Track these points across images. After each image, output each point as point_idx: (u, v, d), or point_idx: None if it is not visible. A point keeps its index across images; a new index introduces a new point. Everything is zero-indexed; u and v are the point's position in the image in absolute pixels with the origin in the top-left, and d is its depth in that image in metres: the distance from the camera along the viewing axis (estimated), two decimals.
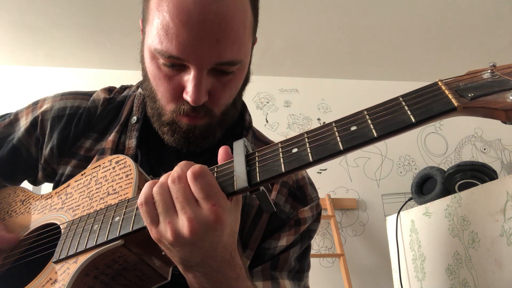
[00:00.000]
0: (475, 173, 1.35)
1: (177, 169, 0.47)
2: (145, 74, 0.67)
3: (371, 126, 0.41)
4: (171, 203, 0.46)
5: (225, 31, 0.57)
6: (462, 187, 1.35)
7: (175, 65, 0.60)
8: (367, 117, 0.42)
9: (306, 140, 0.44)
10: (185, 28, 0.55)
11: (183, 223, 0.44)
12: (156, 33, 0.58)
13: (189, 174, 0.45)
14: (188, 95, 0.60)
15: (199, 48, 0.57)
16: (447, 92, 0.39)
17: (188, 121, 0.65)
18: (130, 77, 0.90)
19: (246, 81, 0.71)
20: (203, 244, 0.45)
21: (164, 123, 0.67)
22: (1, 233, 0.66)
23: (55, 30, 2.28)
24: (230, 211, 0.47)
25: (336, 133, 0.43)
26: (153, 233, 0.46)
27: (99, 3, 2.07)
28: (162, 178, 0.48)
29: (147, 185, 0.48)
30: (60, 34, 2.32)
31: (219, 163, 0.50)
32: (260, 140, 0.82)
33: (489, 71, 0.40)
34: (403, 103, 0.41)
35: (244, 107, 0.81)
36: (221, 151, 0.50)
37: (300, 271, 0.73)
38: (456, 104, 0.37)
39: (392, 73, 2.81)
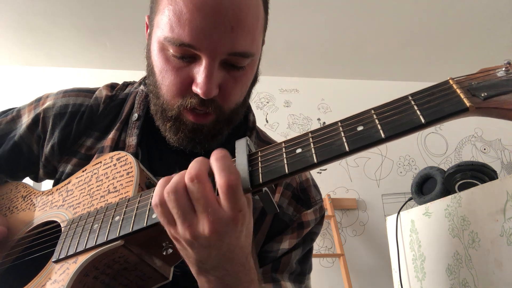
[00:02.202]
0: (475, 173, 1.34)
1: (194, 165, 0.44)
2: (150, 69, 0.64)
3: (379, 127, 0.39)
4: (189, 205, 0.43)
5: (240, 20, 0.56)
6: (462, 187, 1.34)
7: (185, 56, 0.58)
8: (375, 116, 0.40)
9: (311, 140, 0.43)
10: (199, 13, 0.54)
11: (203, 225, 0.42)
12: (168, 21, 0.56)
13: (221, 184, 0.42)
14: (198, 87, 0.57)
15: (213, 35, 0.55)
16: (458, 91, 0.37)
17: (194, 119, 0.62)
18: (130, 77, 0.89)
19: (255, 80, 0.69)
20: (222, 246, 0.44)
21: (168, 118, 0.63)
22: None
23: (55, 30, 2.28)
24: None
25: (342, 133, 0.41)
26: (171, 233, 0.45)
27: (99, 3, 2.07)
28: (176, 178, 0.44)
29: (160, 185, 0.45)
30: (60, 34, 2.32)
31: None
32: (263, 140, 0.80)
33: (503, 68, 0.38)
34: (412, 102, 0.39)
35: (248, 108, 0.79)
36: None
37: (301, 273, 0.72)
38: (468, 105, 0.35)
39: (392, 73, 2.81)
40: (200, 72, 0.57)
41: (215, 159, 0.44)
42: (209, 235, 0.42)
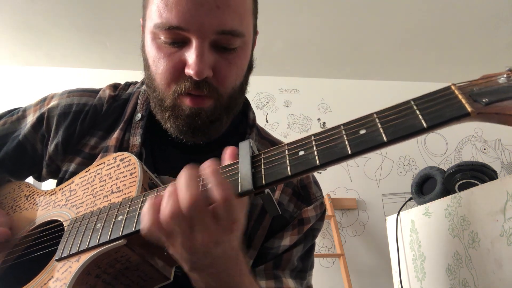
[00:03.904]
0: (475, 173, 1.35)
1: (186, 190, 0.44)
2: (145, 64, 0.66)
3: (381, 130, 0.39)
4: (189, 227, 0.44)
5: None
6: (462, 187, 1.35)
7: (176, 41, 0.59)
8: (377, 120, 0.41)
9: (313, 142, 0.43)
10: None
11: (202, 238, 0.44)
12: (156, 8, 0.58)
13: (218, 199, 0.43)
14: (190, 68, 0.58)
15: (199, 14, 0.56)
16: (460, 96, 0.37)
17: (191, 104, 0.62)
18: (130, 77, 0.90)
19: (250, 66, 0.70)
20: (217, 251, 0.46)
21: (166, 108, 0.64)
22: None
23: (55, 30, 2.28)
24: None
25: (345, 136, 0.41)
26: (166, 243, 0.46)
27: (99, 3, 2.07)
28: (171, 205, 0.44)
29: (150, 212, 0.45)
30: (60, 34, 2.32)
31: (225, 163, 0.49)
32: (264, 138, 0.81)
33: (505, 75, 0.38)
34: (415, 107, 0.39)
35: (247, 105, 0.80)
36: (228, 151, 0.49)
37: (303, 270, 0.73)
38: (469, 110, 0.36)
39: (392, 73, 2.81)
40: (191, 53, 0.58)
41: (211, 173, 0.45)
42: (206, 245, 0.44)
